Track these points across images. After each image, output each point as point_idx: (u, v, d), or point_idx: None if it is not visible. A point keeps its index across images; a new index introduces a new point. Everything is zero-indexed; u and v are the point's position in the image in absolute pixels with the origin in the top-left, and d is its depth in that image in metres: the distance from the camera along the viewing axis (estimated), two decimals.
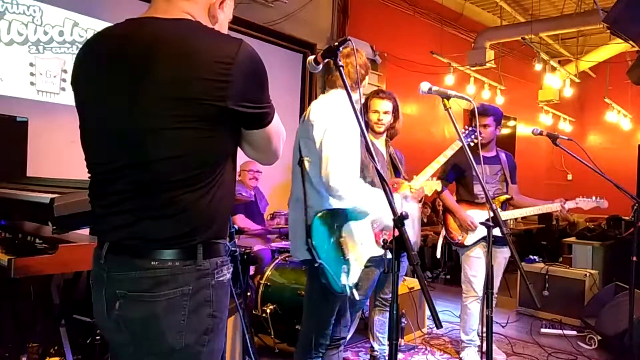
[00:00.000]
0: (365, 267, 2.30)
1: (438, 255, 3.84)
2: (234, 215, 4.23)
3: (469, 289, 3.48)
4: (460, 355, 3.59)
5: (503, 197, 3.44)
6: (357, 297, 2.16)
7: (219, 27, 1.30)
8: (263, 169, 4.56)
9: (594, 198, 3.31)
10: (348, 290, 2.13)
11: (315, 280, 2.18)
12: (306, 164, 2.21)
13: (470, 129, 3.12)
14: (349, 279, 2.15)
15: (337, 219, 2.19)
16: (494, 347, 3.33)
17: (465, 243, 3.43)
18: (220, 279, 1.23)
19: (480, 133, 3.42)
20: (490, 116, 3.45)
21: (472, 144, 3.06)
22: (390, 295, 2.94)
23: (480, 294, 3.46)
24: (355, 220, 2.24)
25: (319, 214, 2.14)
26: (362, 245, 2.28)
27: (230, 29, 1.37)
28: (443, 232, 3.59)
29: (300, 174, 2.23)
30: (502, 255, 3.53)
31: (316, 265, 2.07)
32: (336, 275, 2.10)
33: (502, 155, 3.59)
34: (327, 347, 2.33)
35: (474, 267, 3.45)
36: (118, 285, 1.16)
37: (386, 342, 3.06)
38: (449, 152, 2.95)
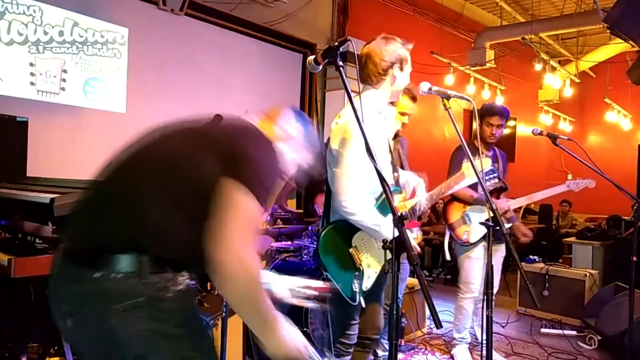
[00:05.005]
0: (386, 272, 2.22)
1: (448, 257, 3.76)
2: None
3: (468, 290, 3.46)
4: (452, 353, 3.60)
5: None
6: (363, 304, 2.13)
7: None
8: None
9: (585, 180, 3.32)
10: (357, 297, 2.11)
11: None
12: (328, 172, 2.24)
13: (491, 171, 2.96)
14: (361, 285, 2.13)
15: (348, 229, 2.15)
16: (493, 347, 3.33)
17: (471, 240, 3.39)
18: None
19: (495, 134, 3.44)
20: (507, 118, 3.49)
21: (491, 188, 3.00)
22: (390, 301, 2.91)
23: (479, 295, 3.45)
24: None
25: (327, 228, 2.16)
26: (379, 250, 2.20)
27: (230, 28, 1.38)
28: (448, 233, 3.56)
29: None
30: (500, 254, 3.55)
31: (323, 277, 2.08)
32: (345, 284, 2.10)
33: (498, 153, 3.60)
34: (353, 346, 2.29)
35: (476, 269, 3.42)
36: None
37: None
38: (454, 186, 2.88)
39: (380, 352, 3.32)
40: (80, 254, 1.21)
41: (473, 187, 3.48)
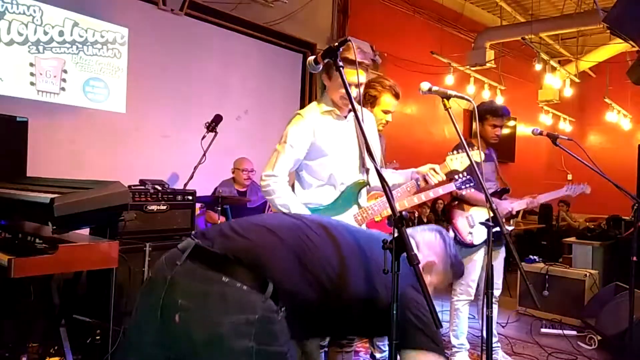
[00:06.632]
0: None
1: None
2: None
3: (464, 292, 3.38)
4: None
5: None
6: None
7: None
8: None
9: (581, 185, 3.33)
10: None
11: None
12: None
13: (465, 178, 2.75)
14: None
15: None
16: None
17: (475, 242, 3.30)
18: None
19: (499, 135, 3.38)
20: (508, 118, 3.45)
21: (463, 192, 2.92)
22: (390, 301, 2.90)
23: (480, 296, 3.41)
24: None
25: None
26: None
27: (230, 28, 1.38)
28: (451, 234, 3.48)
29: None
30: (502, 255, 3.50)
31: None
32: None
33: (491, 152, 3.54)
34: (327, 345, 2.30)
35: (477, 271, 3.36)
36: None
37: (386, 347, 3.05)
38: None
39: (377, 355, 3.32)
40: (212, 256, 1.30)
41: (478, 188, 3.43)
